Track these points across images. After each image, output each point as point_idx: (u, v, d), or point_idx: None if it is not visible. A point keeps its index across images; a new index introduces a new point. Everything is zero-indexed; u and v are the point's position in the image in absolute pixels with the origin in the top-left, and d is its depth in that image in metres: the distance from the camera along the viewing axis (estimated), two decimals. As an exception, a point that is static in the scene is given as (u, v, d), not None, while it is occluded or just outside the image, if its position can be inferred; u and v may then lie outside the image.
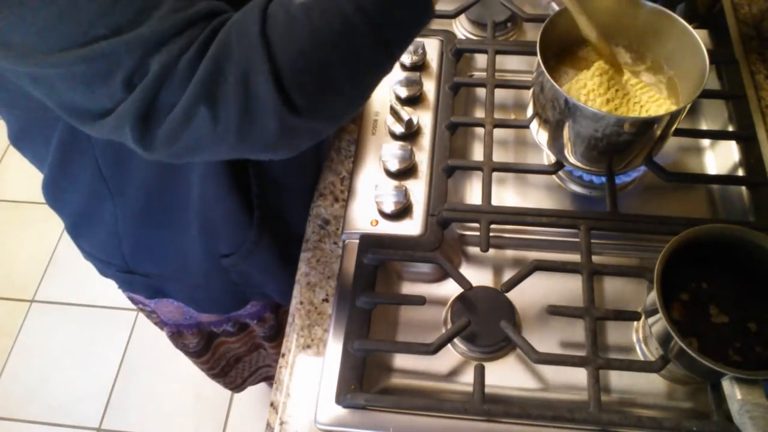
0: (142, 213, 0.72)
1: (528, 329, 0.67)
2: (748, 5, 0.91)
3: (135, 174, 0.67)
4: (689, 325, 0.59)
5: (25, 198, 1.97)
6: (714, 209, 0.76)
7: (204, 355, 1.03)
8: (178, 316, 0.92)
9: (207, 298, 0.84)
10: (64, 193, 0.73)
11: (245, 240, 0.74)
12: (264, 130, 0.46)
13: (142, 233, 0.75)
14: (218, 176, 0.66)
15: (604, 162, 0.69)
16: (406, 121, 0.76)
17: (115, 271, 0.81)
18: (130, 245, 0.76)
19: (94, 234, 0.77)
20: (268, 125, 0.45)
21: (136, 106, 0.44)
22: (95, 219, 0.74)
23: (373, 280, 0.67)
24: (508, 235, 0.73)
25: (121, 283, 0.86)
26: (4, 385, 1.65)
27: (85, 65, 0.43)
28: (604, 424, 0.58)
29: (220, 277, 0.80)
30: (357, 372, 0.61)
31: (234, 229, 0.74)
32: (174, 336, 0.97)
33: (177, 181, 0.67)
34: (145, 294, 0.85)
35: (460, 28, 0.91)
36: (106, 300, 1.73)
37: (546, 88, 0.66)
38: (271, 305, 0.94)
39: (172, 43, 0.43)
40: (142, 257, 0.78)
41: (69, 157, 0.67)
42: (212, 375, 1.11)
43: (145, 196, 0.70)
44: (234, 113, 0.44)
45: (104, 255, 0.80)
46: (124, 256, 0.77)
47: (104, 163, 0.66)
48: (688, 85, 0.67)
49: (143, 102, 0.44)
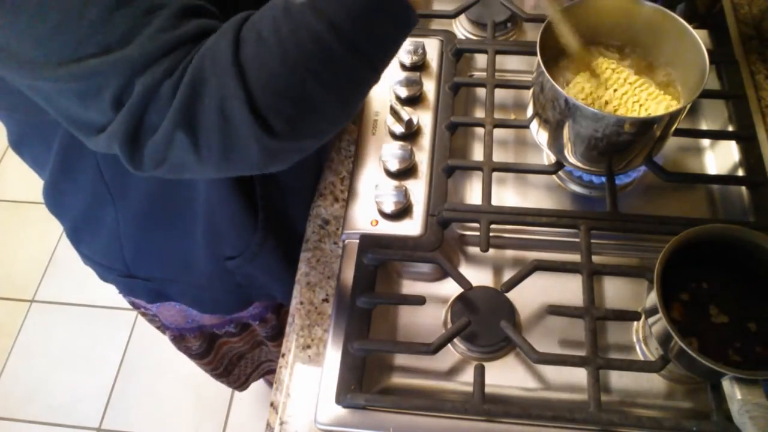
0: (144, 217, 0.72)
1: (528, 329, 0.67)
2: (748, 5, 0.91)
3: (137, 178, 0.66)
4: (689, 325, 0.59)
5: (25, 198, 1.97)
6: (714, 209, 0.76)
7: (207, 356, 1.03)
8: (180, 320, 0.92)
9: (211, 299, 0.84)
10: (64, 196, 0.73)
11: (250, 242, 0.74)
12: (246, 154, 0.45)
13: (144, 237, 0.75)
14: (223, 179, 0.66)
15: (604, 162, 0.69)
16: (406, 121, 0.76)
17: (116, 276, 0.81)
18: (132, 249, 0.76)
19: (95, 239, 0.77)
20: (250, 149, 0.45)
21: (124, 126, 0.44)
22: (96, 223, 0.74)
23: (373, 280, 0.67)
24: (508, 235, 0.73)
25: (122, 288, 0.85)
26: (4, 385, 1.65)
27: (76, 82, 0.43)
28: (604, 424, 0.58)
29: (224, 279, 0.80)
30: (357, 372, 0.61)
31: (239, 232, 0.74)
32: (176, 339, 0.97)
33: (180, 185, 0.67)
34: (147, 298, 0.85)
35: (460, 28, 0.91)
36: (106, 300, 1.73)
37: (546, 88, 0.66)
38: (273, 306, 0.93)
39: (158, 65, 0.43)
40: (143, 261, 0.78)
41: (70, 160, 0.67)
42: (215, 375, 1.11)
43: (147, 199, 0.69)
44: (214, 139, 0.44)
45: (105, 260, 0.79)
46: (126, 260, 0.77)
47: (106, 166, 0.66)
48: (688, 85, 0.67)
49: (130, 123, 0.44)
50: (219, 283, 0.80)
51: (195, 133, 0.44)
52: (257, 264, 0.77)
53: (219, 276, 0.79)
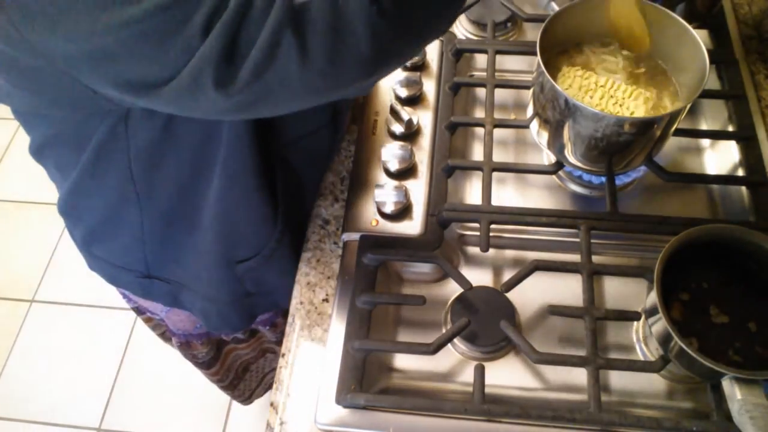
0: (168, 214, 0.71)
1: (528, 329, 0.67)
2: (748, 5, 0.91)
3: (166, 173, 0.66)
4: (689, 325, 0.59)
5: (25, 198, 1.97)
6: (714, 209, 0.76)
7: (214, 365, 1.02)
8: (189, 326, 0.91)
9: (217, 312, 0.83)
10: (88, 198, 0.71)
11: (269, 239, 0.74)
12: (356, 48, 0.44)
13: (167, 235, 0.74)
14: (245, 175, 0.66)
15: (604, 162, 0.69)
16: (406, 121, 0.76)
17: (134, 278, 0.80)
18: (154, 249, 0.75)
19: (115, 240, 0.76)
20: (360, 41, 0.44)
21: (219, 47, 0.42)
22: (118, 224, 0.73)
23: (373, 280, 0.67)
24: (508, 235, 0.73)
25: (136, 290, 0.84)
26: (4, 385, 1.65)
27: (160, 16, 0.41)
28: (604, 424, 0.58)
29: (232, 287, 0.79)
30: (357, 372, 0.61)
31: (258, 229, 0.73)
32: (183, 346, 0.96)
33: (205, 182, 0.67)
34: (164, 301, 0.84)
35: (460, 28, 0.91)
36: (106, 300, 1.73)
37: (546, 88, 0.66)
38: (284, 311, 0.93)
39: None
40: (165, 261, 0.77)
41: (102, 159, 0.65)
42: (222, 387, 1.11)
43: (172, 197, 0.69)
44: (323, 30, 0.43)
45: (124, 261, 0.78)
46: (147, 260, 0.76)
47: (137, 161, 0.64)
48: (688, 85, 0.67)
49: (226, 39, 0.42)
50: (226, 292, 0.79)
51: (302, 30, 0.43)
52: (271, 264, 0.76)
53: (227, 283, 0.78)
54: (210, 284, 0.79)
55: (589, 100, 0.67)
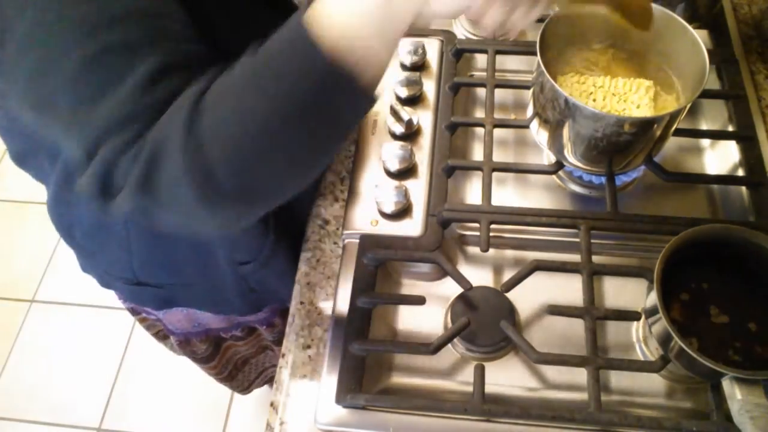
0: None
1: (528, 329, 0.67)
2: (748, 5, 0.91)
3: None
4: (689, 325, 0.59)
5: (25, 198, 1.97)
6: (714, 209, 0.76)
7: (212, 360, 1.02)
8: (187, 324, 0.91)
9: (225, 300, 0.83)
10: (71, 208, 0.72)
11: (263, 247, 0.74)
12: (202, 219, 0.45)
13: (155, 245, 0.74)
14: None
15: (604, 162, 0.69)
16: (406, 121, 0.76)
17: (122, 284, 0.80)
18: (141, 258, 0.75)
19: (102, 249, 0.76)
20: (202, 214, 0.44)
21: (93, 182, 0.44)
22: (104, 235, 0.73)
23: (373, 280, 0.67)
24: (508, 235, 0.73)
25: (126, 295, 0.84)
26: (5, 385, 1.65)
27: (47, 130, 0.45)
28: (604, 424, 0.58)
29: (238, 283, 0.79)
30: (357, 372, 0.61)
31: (252, 237, 0.73)
32: (182, 344, 0.96)
33: None
34: (154, 305, 0.84)
35: (460, 28, 0.91)
36: (106, 300, 1.72)
37: (546, 88, 0.66)
38: (281, 311, 0.93)
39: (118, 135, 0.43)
40: (153, 269, 0.77)
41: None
42: (219, 379, 1.11)
43: None
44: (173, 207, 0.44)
45: (112, 269, 0.79)
46: (134, 269, 0.76)
47: None
48: (688, 85, 0.67)
49: (98, 181, 0.44)
50: (233, 286, 0.80)
51: (156, 198, 0.43)
52: (270, 269, 0.77)
53: (233, 279, 0.78)
54: (217, 279, 0.79)
55: (592, 104, 0.66)
